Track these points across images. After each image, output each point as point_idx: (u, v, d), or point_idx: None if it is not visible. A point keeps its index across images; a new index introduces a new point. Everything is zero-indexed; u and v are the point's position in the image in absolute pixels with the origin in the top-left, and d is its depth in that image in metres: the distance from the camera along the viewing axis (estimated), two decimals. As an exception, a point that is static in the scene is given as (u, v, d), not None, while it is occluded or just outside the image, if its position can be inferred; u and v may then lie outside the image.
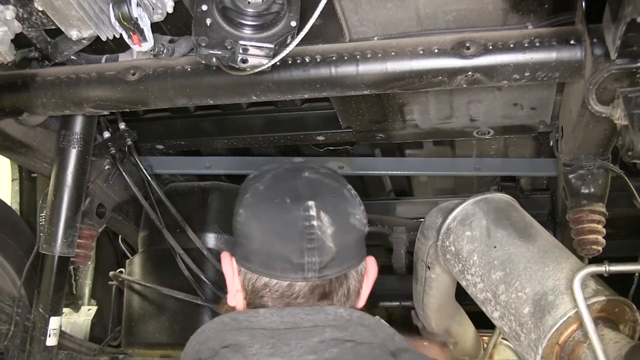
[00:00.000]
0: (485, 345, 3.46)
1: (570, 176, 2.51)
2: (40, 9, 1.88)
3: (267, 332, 1.54)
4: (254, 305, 1.61)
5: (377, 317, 1.65)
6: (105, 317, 3.84)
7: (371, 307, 2.15)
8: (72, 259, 2.67)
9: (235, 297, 1.67)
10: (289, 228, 1.56)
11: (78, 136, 2.54)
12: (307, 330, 1.54)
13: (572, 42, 1.91)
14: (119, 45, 2.33)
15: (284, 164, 1.72)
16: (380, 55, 2.02)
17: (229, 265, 1.66)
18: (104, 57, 2.35)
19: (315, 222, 1.55)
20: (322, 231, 1.56)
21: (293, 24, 1.91)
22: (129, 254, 3.61)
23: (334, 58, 2.05)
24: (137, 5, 1.84)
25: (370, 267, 1.71)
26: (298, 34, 1.90)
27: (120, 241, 3.68)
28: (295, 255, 1.54)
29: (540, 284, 2.18)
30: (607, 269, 2.00)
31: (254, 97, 2.15)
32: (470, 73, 1.98)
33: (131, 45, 1.95)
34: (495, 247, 2.37)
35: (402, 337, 1.64)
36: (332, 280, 1.60)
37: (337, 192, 1.64)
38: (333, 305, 1.60)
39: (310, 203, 1.56)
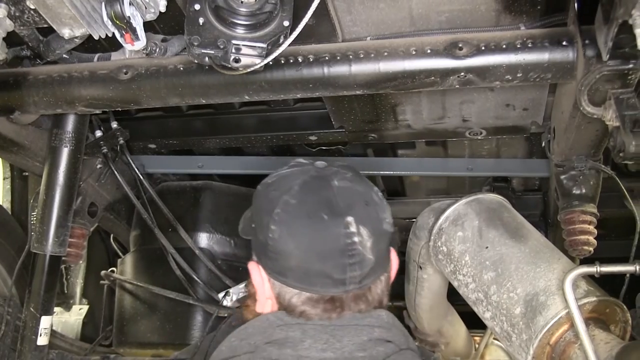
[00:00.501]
0: (477, 346, 3.46)
1: (562, 177, 2.52)
2: (32, 7, 1.87)
3: (320, 328, 1.55)
4: (295, 315, 1.59)
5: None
6: (96, 317, 3.84)
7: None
8: (63, 258, 2.66)
9: (264, 304, 1.65)
10: (329, 246, 1.54)
11: (70, 135, 2.53)
12: (358, 329, 1.57)
13: (564, 43, 1.92)
14: (111, 44, 2.32)
15: (307, 170, 1.67)
16: (372, 55, 2.02)
17: (257, 275, 1.64)
18: (96, 55, 2.34)
19: (356, 239, 1.54)
20: (362, 246, 1.55)
21: (286, 23, 1.91)
22: (120, 253, 3.61)
23: (327, 58, 2.05)
24: (130, 4, 1.83)
25: (394, 261, 1.73)
26: (291, 33, 1.89)
27: (111, 240, 3.68)
28: (336, 272, 1.54)
29: (531, 285, 2.18)
30: (598, 270, 2.00)
31: (247, 97, 2.15)
32: (462, 74, 1.98)
33: (124, 44, 1.94)
34: (487, 247, 2.37)
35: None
36: (371, 287, 1.61)
37: (368, 199, 1.64)
38: (377, 309, 1.62)
39: (350, 219, 1.55)
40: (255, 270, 1.65)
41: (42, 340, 2.58)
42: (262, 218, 1.62)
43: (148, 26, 2.03)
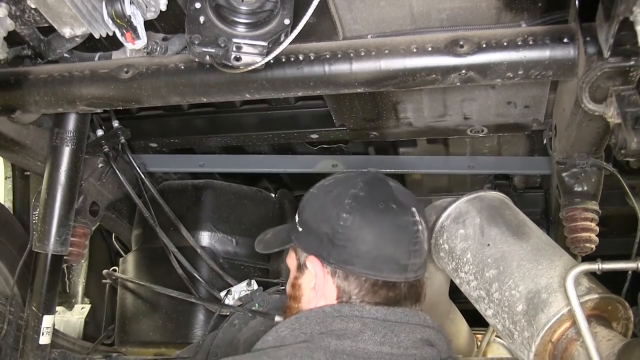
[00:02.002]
0: (479, 343, 3.47)
1: (564, 174, 2.52)
2: (33, 6, 1.88)
3: (379, 322, 1.63)
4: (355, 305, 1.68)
5: None
6: (98, 316, 3.84)
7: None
8: (65, 257, 2.65)
9: (321, 299, 1.71)
10: (400, 232, 1.68)
11: (71, 134, 2.53)
12: (414, 327, 1.66)
13: (565, 40, 1.91)
14: (112, 43, 2.32)
15: (361, 173, 1.82)
16: (373, 53, 2.02)
17: (320, 268, 1.72)
18: (97, 54, 2.34)
19: (420, 227, 1.70)
20: (423, 235, 1.72)
21: (286, 22, 1.91)
22: (122, 252, 3.61)
23: (328, 56, 2.05)
24: (130, 3, 1.83)
25: None
26: (291, 32, 1.89)
27: (113, 239, 3.68)
28: (404, 257, 1.67)
29: (533, 282, 2.18)
30: (600, 267, 2.00)
31: (248, 95, 2.15)
32: (463, 71, 1.98)
33: (124, 43, 1.94)
34: (488, 245, 2.38)
35: None
36: (422, 280, 1.76)
37: (416, 199, 1.80)
38: (420, 312, 1.73)
39: (414, 209, 1.72)
40: (317, 264, 1.72)
41: (44, 339, 2.58)
42: (328, 211, 1.72)
43: (149, 25, 2.03)
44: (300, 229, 1.79)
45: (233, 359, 1.62)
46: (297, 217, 1.84)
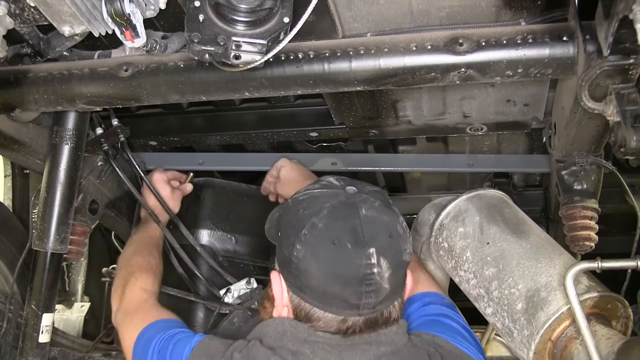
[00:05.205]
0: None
1: (563, 172, 2.52)
2: (32, 4, 1.87)
3: (329, 349, 1.67)
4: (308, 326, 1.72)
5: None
6: (98, 314, 3.85)
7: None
8: (64, 255, 2.65)
9: (282, 311, 1.76)
10: (349, 274, 1.64)
11: (70, 132, 2.53)
12: (365, 348, 1.69)
13: (564, 38, 1.91)
14: (111, 41, 2.32)
15: (337, 194, 1.75)
16: (373, 51, 2.02)
17: (278, 285, 1.76)
18: (97, 53, 2.33)
19: (375, 270, 1.64)
20: (380, 276, 1.65)
21: (286, 20, 1.91)
22: (121, 251, 3.60)
23: (327, 54, 2.04)
24: (130, 1, 1.83)
25: (408, 284, 1.82)
26: (291, 30, 1.89)
27: (113, 237, 3.67)
28: (353, 298, 1.64)
29: (533, 280, 2.19)
30: (599, 265, 2.01)
31: (247, 94, 2.15)
32: (463, 69, 1.98)
33: (124, 42, 1.94)
34: (488, 243, 2.38)
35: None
36: (383, 311, 1.72)
37: (392, 231, 1.72)
38: (390, 326, 1.74)
39: (372, 250, 1.64)
40: (277, 280, 1.76)
41: (44, 337, 2.58)
42: (289, 235, 1.72)
43: (148, 23, 2.02)
44: (279, 234, 1.82)
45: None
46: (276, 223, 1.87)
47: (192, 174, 3.08)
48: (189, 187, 3.01)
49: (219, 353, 1.77)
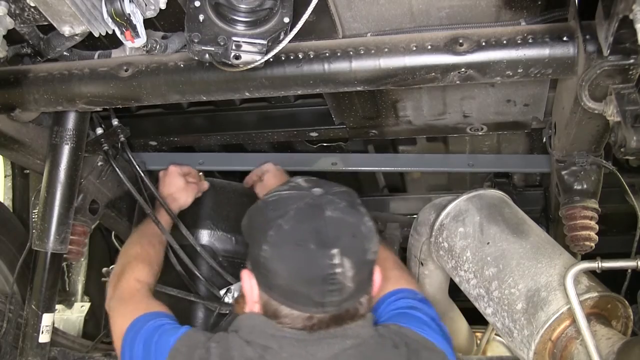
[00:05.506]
0: (479, 342, 3.47)
1: (563, 172, 2.52)
2: (32, 4, 1.87)
3: (295, 344, 1.75)
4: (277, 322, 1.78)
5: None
6: (98, 314, 3.84)
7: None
8: (64, 255, 2.66)
9: (253, 307, 1.84)
10: (313, 274, 1.69)
11: (71, 132, 2.53)
12: (331, 342, 1.75)
13: (565, 38, 1.91)
14: (111, 41, 2.32)
15: (304, 195, 1.80)
16: (373, 51, 2.02)
17: (248, 283, 1.83)
18: (97, 53, 2.33)
19: (338, 269, 1.69)
20: (343, 276, 1.70)
21: (286, 20, 1.91)
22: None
23: (327, 54, 2.05)
24: (130, 1, 1.83)
25: (377, 279, 1.87)
26: (291, 30, 1.89)
27: (113, 237, 3.67)
28: (317, 296, 1.70)
29: (533, 280, 2.19)
30: (599, 265, 2.01)
31: (247, 94, 2.15)
32: (463, 69, 1.98)
33: (124, 42, 1.94)
34: (488, 243, 2.38)
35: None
36: (349, 309, 1.77)
37: (356, 231, 1.76)
38: (356, 320, 1.79)
39: (335, 251, 1.69)
40: (247, 278, 1.83)
41: (44, 337, 2.59)
42: (257, 235, 1.78)
43: (148, 23, 2.03)
44: (250, 233, 1.87)
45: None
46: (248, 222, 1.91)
47: (201, 173, 3.09)
48: (205, 185, 3.03)
49: (200, 343, 1.85)
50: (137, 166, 2.91)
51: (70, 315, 3.82)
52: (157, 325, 2.01)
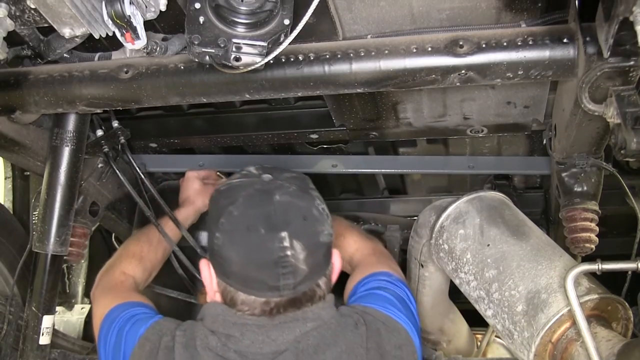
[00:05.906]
0: (479, 343, 3.47)
1: (564, 174, 2.52)
2: (32, 6, 1.87)
3: (256, 329, 1.76)
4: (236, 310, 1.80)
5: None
6: (98, 316, 3.83)
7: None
8: (65, 257, 2.66)
9: (213, 296, 1.87)
10: (264, 257, 1.72)
11: (71, 134, 2.53)
12: (291, 326, 1.77)
13: (565, 40, 1.91)
14: (112, 43, 2.32)
15: (253, 182, 1.83)
16: (373, 53, 2.02)
17: (207, 272, 1.88)
18: (97, 55, 2.34)
19: (289, 252, 1.71)
20: (295, 258, 1.72)
21: (286, 22, 1.91)
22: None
23: (328, 56, 2.05)
24: (130, 3, 1.83)
25: (336, 262, 1.90)
26: (291, 32, 1.89)
27: (113, 239, 3.67)
28: (271, 280, 1.72)
29: (533, 282, 2.19)
30: (599, 267, 2.01)
31: (247, 96, 2.15)
32: (463, 71, 1.98)
33: (124, 43, 1.94)
34: (488, 245, 2.38)
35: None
36: (308, 291, 1.79)
37: (307, 214, 1.78)
38: (317, 303, 1.81)
39: (284, 234, 1.71)
40: (206, 267, 1.88)
41: (44, 339, 2.58)
42: (211, 224, 1.82)
43: (148, 25, 2.03)
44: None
45: None
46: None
47: (218, 172, 3.11)
48: None
49: (168, 331, 1.88)
50: (137, 168, 2.91)
51: (71, 317, 3.82)
52: (131, 315, 2.04)
